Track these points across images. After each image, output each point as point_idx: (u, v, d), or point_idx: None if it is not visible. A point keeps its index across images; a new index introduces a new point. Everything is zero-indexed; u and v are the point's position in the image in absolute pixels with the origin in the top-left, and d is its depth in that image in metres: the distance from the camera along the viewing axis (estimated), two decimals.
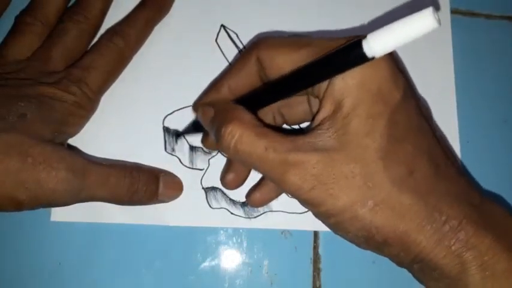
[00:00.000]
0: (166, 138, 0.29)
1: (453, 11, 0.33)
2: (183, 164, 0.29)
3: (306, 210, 0.28)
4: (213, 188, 0.28)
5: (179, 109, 0.29)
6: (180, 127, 0.29)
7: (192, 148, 0.29)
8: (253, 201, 0.27)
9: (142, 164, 0.28)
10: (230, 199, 0.28)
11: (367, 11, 0.33)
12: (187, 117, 0.29)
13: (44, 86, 0.25)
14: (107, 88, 0.28)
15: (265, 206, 0.28)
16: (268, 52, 0.22)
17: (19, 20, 0.28)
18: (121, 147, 0.28)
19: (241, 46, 0.31)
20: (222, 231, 0.28)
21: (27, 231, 0.27)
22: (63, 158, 0.24)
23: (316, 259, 0.28)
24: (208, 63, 0.30)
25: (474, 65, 0.33)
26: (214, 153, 0.29)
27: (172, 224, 0.28)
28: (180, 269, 0.28)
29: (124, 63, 0.29)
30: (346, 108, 0.20)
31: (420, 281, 0.22)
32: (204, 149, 0.29)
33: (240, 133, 0.21)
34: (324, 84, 0.21)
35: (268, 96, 0.23)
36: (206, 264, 0.28)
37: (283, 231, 0.29)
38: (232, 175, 0.26)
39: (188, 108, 0.29)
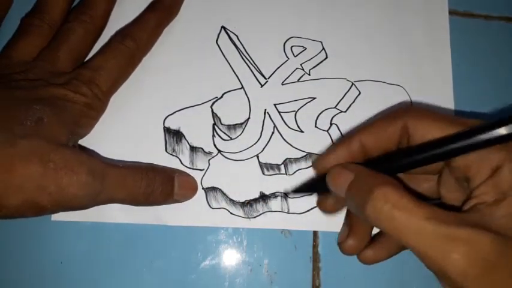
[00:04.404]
0: (167, 139, 0.29)
1: (451, 12, 0.34)
2: (183, 165, 0.29)
3: (306, 210, 0.28)
4: (213, 188, 0.29)
5: (180, 109, 0.30)
6: (181, 127, 0.29)
7: (193, 148, 0.29)
8: (366, 259, 0.25)
9: (157, 165, 0.28)
10: (230, 199, 0.29)
11: (368, 13, 0.33)
12: (187, 118, 0.29)
13: (55, 87, 0.25)
14: (116, 90, 0.28)
15: (264, 206, 0.29)
16: (421, 122, 0.21)
17: (26, 21, 0.28)
18: (122, 147, 0.29)
19: (241, 47, 0.31)
20: (222, 231, 0.28)
21: (29, 231, 0.27)
22: (83, 162, 0.23)
23: (315, 258, 0.29)
24: (209, 64, 0.31)
25: (472, 66, 0.33)
26: (214, 154, 0.29)
27: (173, 224, 0.28)
28: (180, 268, 0.28)
29: (134, 65, 0.29)
30: None
31: None
32: (204, 149, 0.29)
33: (397, 198, 0.18)
34: (483, 170, 0.20)
35: (408, 162, 0.22)
36: (207, 263, 0.28)
37: (282, 231, 0.29)
38: (352, 241, 0.24)
39: (189, 108, 0.30)
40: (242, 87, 0.30)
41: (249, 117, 0.30)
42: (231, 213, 0.28)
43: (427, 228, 0.17)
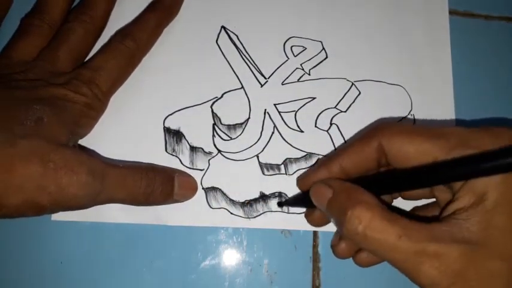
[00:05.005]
0: (167, 139, 0.29)
1: (451, 12, 0.34)
2: (183, 165, 0.29)
3: (305, 210, 0.28)
4: (213, 188, 0.29)
5: (180, 109, 0.30)
6: (181, 127, 0.29)
7: (193, 148, 0.29)
8: (361, 262, 0.25)
9: (157, 165, 0.28)
10: (230, 199, 0.28)
11: (368, 13, 0.33)
12: (187, 118, 0.29)
13: (55, 87, 0.25)
14: (116, 90, 0.28)
15: (264, 206, 0.29)
16: (394, 140, 0.22)
17: (26, 21, 0.28)
18: (122, 147, 0.29)
19: (241, 47, 0.31)
20: (222, 231, 0.28)
21: (29, 231, 0.27)
22: (84, 162, 0.23)
23: (315, 258, 0.29)
24: (209, 64, 0.31)
25: (472, 66, 0.33)
26: (214, 154, 0.29)
27: (173, 224, 0.28)
28: (180, 268, 0.28)
29: (134, 65, 0.29)
30: (489, 202, 0.19)
31: None
32: (204, 149, 0.29)
33: (369, 218, 0.19)
34: None
35: (395, 186, 0.22)
36: (207, 263, 0.28)
37: (282, 231, 0.29)
38: (345, 244, 0.25)
39: (188, 108, 0.30)
40: (242, 87, 0.30)
41: (249, 117, 0.30)
42: (231, 213, 0.28)
43: (399, 245, 0.19)
